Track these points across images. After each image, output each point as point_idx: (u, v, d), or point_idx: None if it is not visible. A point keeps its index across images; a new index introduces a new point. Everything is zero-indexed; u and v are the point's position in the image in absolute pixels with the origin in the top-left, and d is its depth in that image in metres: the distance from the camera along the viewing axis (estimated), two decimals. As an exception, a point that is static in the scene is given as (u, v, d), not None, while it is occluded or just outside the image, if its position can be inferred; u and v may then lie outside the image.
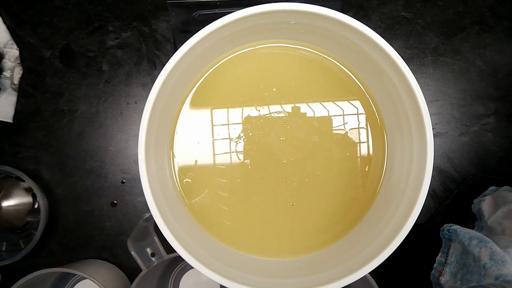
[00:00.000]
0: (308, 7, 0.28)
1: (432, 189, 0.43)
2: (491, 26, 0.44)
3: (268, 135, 0.34)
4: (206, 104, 0.34)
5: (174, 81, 0.30)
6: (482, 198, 0.39)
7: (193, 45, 0.28)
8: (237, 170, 0.34)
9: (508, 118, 0.43)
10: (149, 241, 0.36)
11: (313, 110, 0.34)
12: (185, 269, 0.45)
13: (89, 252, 0.43)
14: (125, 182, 0.43)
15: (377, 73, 0.31)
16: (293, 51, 0.34)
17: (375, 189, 0.34)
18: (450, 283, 0.34)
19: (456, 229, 0.34)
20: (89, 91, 0.43)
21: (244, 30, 0.31)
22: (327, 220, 0.34)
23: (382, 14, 0.43)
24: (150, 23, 0.43)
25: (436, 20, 0.43)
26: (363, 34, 0.28)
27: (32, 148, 0.43)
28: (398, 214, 0.29)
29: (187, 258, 0.28)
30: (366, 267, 0.27)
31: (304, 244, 0.34)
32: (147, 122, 0.28)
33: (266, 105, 0.34)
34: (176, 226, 0.29)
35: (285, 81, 0.34)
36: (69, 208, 0.43)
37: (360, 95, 0.34)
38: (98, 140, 0.43)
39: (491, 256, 0.30)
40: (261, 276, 0.31)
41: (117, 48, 0.43)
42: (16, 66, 0.42)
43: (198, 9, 0.40)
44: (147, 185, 0.28)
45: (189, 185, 0.34)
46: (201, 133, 0.34)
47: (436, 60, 0.44)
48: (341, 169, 0.34)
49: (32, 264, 0.43)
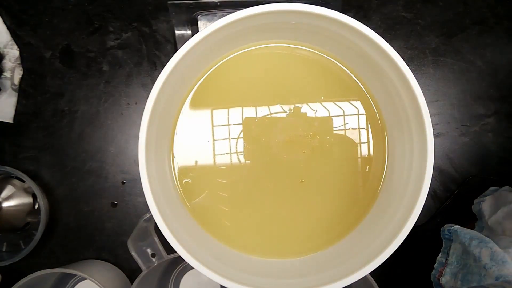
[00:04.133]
0: (308, 7, 0.28)
1: (432, 189, 0.43)
2: (491, 27, 0.44)
3: (268, 136, 0.34)
4: (207, 104, 0.34)
5: (174, 81, 0.30)
6: (482, 199, 0.39)
7: (194, 46, 0.28)
8: (237, 171, 0.34)
9: (508, 118, 0.43)
10: (150, 241, 0.36)
11: (313, 110, 0.34)
12: (186, 269, 0.45)
13: (90, 253, 0.43)
14: (125, 182, 0.43)
15: (377, 73, 0.31)
16: (294, 51, 0.34)
17: (376, 190, 0.34)
18: (450, 284, 0.34)
19: (457, 230, 0.34)
20: (89, 91, 0.43)
21: (245, 30, 0.31)
22: (328, 220, 0.34)
23: (382, 15, 0.43)
24: (151, 23, 0.43)
25: (436, 21, 0.43)
26: (363, 35, 0.28)
27: (32, 149, 0.43)
28: (399, 215, 0.29)
29: (187, 258, 0.28)
30: (366, 267, 0.27)
31: (304, 245, 0.34)
32: (148, 123, 0.28)
33: (266, 105, 0.34)
34: (177, 227, 0.29)
35: (286, 81, 0.34)
36: (69, 209, 0.43)
37: (361, 95, 0.34)
38: (99, 140, 0.43)
39: (491, 256, 0.30)
40: (261, 276, 0.31)
41: (118, 49, 0.43)
42: (17, 66, 0.42)
43: (199, 9, 0.40)
44: (147, 186, 0.28)
45: (189, 185, 0.34)
46: (202, 134, 0.34)
47: (437, 60, 0.44)
48: (341, 170, 0.34)
49: (33, 265, 0.43)
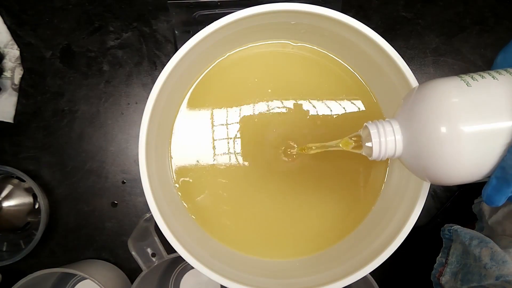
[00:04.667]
0: (308, 7, 0.28)
1: (432, 189, 0.43)
2: (492, 26, 0.44)
3: (268, 135, 0.34)
4: (205, 104, 0.34)
5: (174, 81, 0.30)
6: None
7: (194, 45, 0.28)
8: (237, 170, 0.34)
9: (508, 118, 0.43)
10: (150, 241, 0.36)
11: (314, 109, 0.34)
12: (186, 269, 0.45)
13: (90, 252, 0.43)
14: (125, 182, 0.43)
15: (377, 73, 0.31)
16: (294, 50, 0.34)
17: (377, 190, 0.34)
18: (450, 283, 0.33)
19: (457, 229, 0.34)
20: (89, 91, 0.43)
21: (245, 30, 0.31)
22: (329, 221, 0.34)
23: (383, 15, 0.43)
24: (151, 23, 0.43)
25: (437, 20, 0.43)
26: (363, 34, 0.28)
27: (32, 149, 0.43)
28: (399, 215, 0.29)
29: (187, 258, 0.28)
30: (367, 267, 0.27)
31: (305, 245, 0.34)
32: (148, 123, 0.28)
33: (266, 105, 0.34)
34: (177, 226, 0.29)
35: (286, 80, 0.34)
36: (69, 208, 0.43)
37: (362, 94, 0.34)
38: (99, 140, 0.43)
39: (491, 256, 0.30)
40: (261, 276, 0.31)
41: (118, 49, 0.43)
42: (17, 66, 0.42)
43: (199, 9, 0.40)
44: (148, 185, 0.28)
45: (189, 185, 0.34)
46: (201, 133, 0.34)
47: (437, 60, 0.44)
48: (342, 170, 0.34)
49: (33, 264, 0.43)
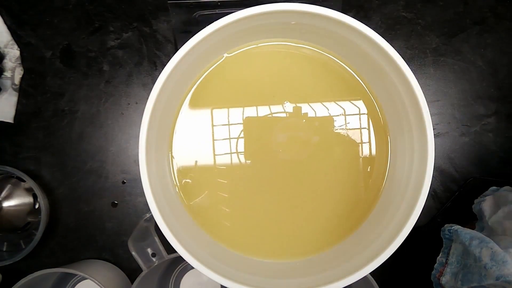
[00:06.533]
0: (308, 7, 0.28)
1: (432, 189, 0.43)
2: (492, 26, 0.44)
3: (269, 135, 0.34)
4: (206, 103, 0.34)
5: (175, 81, 0.30)
6: (483, 198, 0.39)
7: (194, 46, 0.28)
8: (237, 171, 0.34)
9: (508, 118, 0.43)
10: (150, 241, 0.36)
11: (314, 110, 0.34)
12: (186, 269, 0.45)
13: (90, 253, 0.43)
14: (125, 182, 0.43)
15: (378, 73, 0.31)
16: (295, 50, 0.34)
17: (377, 190, 0.34)
18: (451, 284, 0.33)
19: (457, 229, 0.34)
20: (89, 91, 0.43)
21: (245, 30, 0.31)
22: (329, 221, 0.34)
23: (383, 15, 0.43)
24: (151, 23, 0.43)
25: (437, 20, 0.43)
26: (363, 35, 0.28)
27: (32, 149, 0.43)
28: (399, 215, 0.29)
29: (187, 258, 0.28)
30: (367, 267, 0.27)
31: (305, 246, 0.34)
32: (148, 123, 0.28)
33: (267, 105, 0.34)
34: (177, 226, 0.29)
35: (286, 80, 0.34)
36: (69, 208, 0.43)
37: (363, 94, 0.34)
38: (99, 140, 0.43)
39: (492, 256, 0.30)
40: (261, 276, 0.31)
41: (118, 49, 0.43)
42: (17, 66, 0.42)
43: (199, 9, 0.40)
44: (148, 185, 0.28)
45: (189, 185, 0.34)
46: (201, 134, 0.34)
47: (437, 60, 0.44)
48: (343, 170, 0.34)
49: (33, 265, 0.43)
